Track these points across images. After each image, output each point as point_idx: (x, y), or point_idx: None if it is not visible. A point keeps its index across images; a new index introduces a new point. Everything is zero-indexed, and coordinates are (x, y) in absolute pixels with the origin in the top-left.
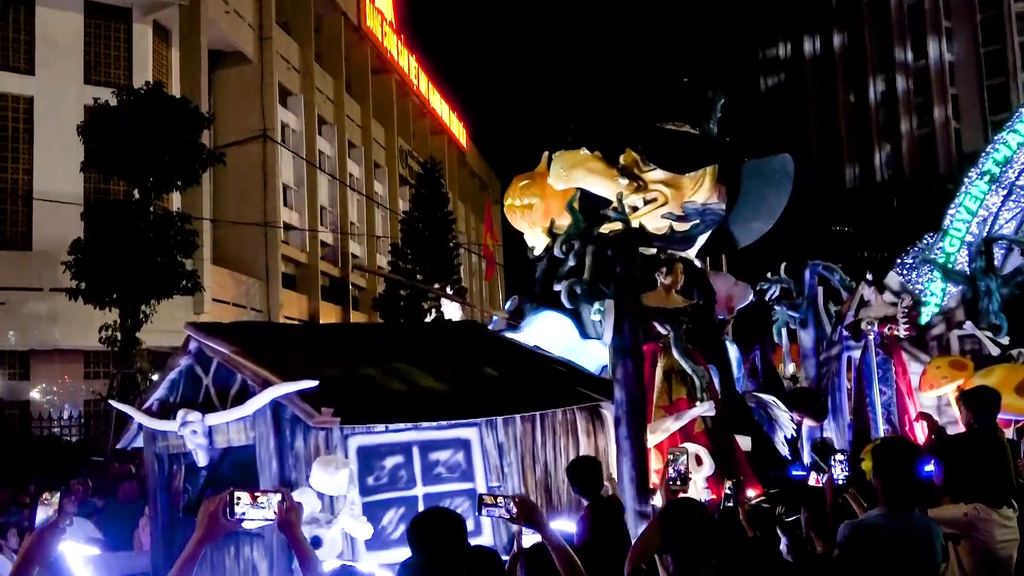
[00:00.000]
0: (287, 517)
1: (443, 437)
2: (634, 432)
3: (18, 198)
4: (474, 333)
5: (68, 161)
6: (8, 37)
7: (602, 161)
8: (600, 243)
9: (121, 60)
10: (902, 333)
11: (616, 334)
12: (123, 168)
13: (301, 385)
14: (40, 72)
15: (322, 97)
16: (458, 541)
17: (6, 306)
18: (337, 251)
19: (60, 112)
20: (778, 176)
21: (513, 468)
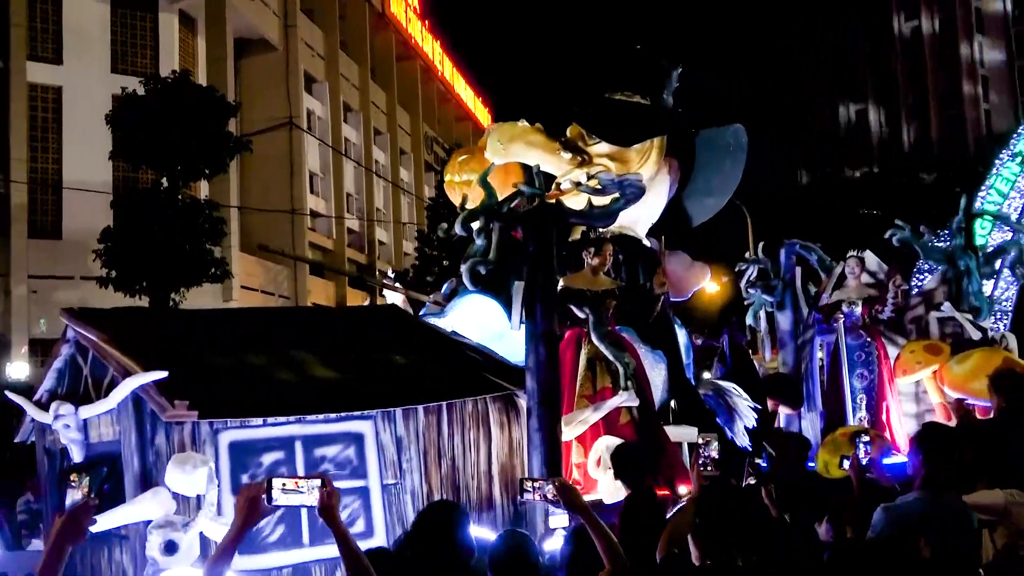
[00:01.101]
0: (327, 502)
1: (332, 431)
2: (546, 424)
3: (48, 187)
4: (392, 319)
5: (97, 150)
6: (36, 27)
7: (543, 133)
8: (509, 220)
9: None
10: (887, 315)
11: (528, 318)
12: (151, 156)
13: (152, 376)
14: (68, 62)
15: (347, 84)
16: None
17: (37, 294)
18: (363, 237)
19: (88, 101)
20: (732, 148)
21: (413, 464)
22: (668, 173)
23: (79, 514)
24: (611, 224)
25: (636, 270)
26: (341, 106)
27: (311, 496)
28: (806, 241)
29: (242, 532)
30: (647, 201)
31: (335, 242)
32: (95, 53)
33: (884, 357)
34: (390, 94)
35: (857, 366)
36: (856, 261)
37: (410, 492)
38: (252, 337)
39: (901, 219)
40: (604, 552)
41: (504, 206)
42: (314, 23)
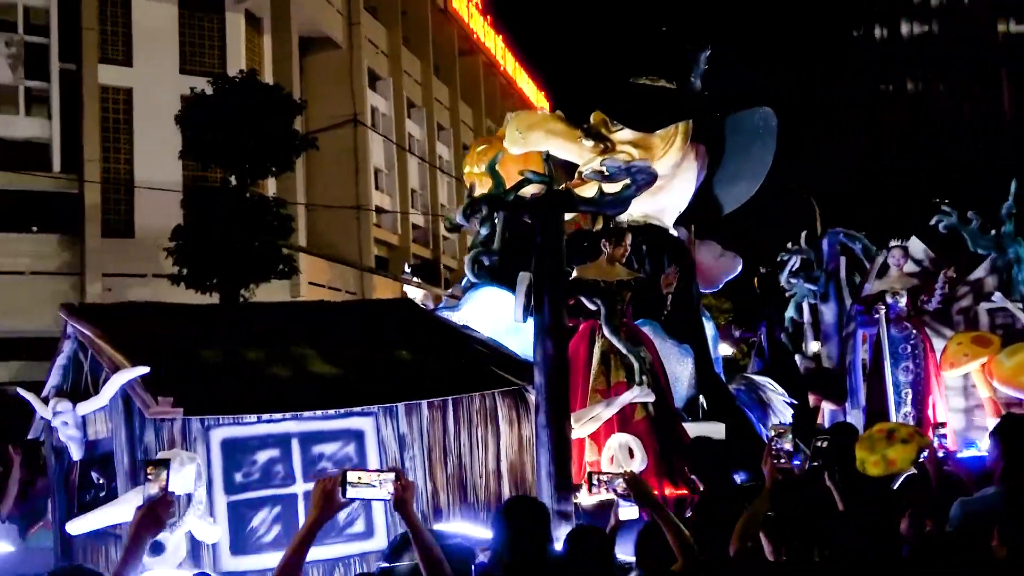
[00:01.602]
0: (402, 496)
1: (330, 428)
2: (554, 421)
3: (120, 187)
4: (404, 313)
5: (167, 150)
6: (107, 31)
7: (564, 121)
8: (514, 208)
9: (215, 49)
10: (934, 305)
11: (536, 311)
12: (219, 155)
13: (137, 371)
14: (138, 64)
15: (410, 80)
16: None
17: (112, 292)
18: (428, 233)
19: (158, 102)
20: (760, 131)
21: (417, 461)
22: (695, 159)
23: (157, 506)
24: (623, 212)
25: (661, 261)
26: (404, 102)
27: (385, 489)
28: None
29: (317, 525)
30: (673, 189)
31: (400, 237)
32: (164, 54)
33: (930, 350)
34: (453, 89)
35: (902, 359)
36: (900, 250)
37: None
38: (253, 332)
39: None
40: (676, 546)
41: (511, 194)
42: (377, 20)
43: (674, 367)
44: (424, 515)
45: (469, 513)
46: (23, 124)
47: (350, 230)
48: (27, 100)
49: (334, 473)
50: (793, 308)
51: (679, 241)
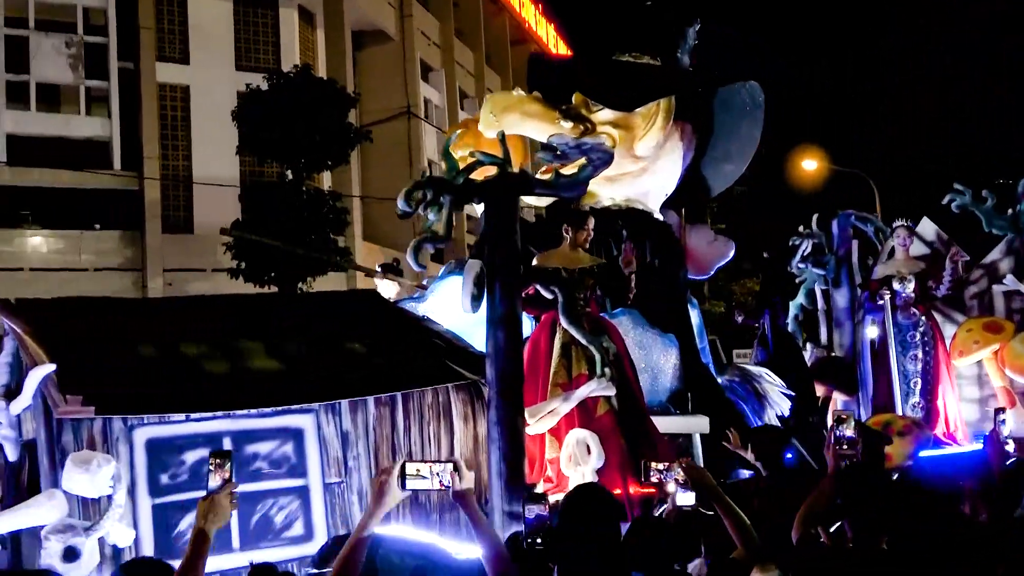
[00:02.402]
0: (460, 488)
1: (266, 426)
2: (506, 416)
3: (179, 183)
4: (364, 305)
5: (224, 145)
6: (164, 29)
7: (541, 102)
8: (462, 192)
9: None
10: (943, 290)
11: (489, 300)
12: (276, 150)
13: (45, 369)
14: (194, 61)
15: (463, 71)
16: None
17: (172, 287)
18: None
19: (214, 99)
20: (748, 108)
21: (362, 460)
22: (680, 139)
23: (220, 497)
24: (581, 194)
25: (644, 246)
26: (457, 93)
27: (444, 480)
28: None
29: (376, 516)
30: (657, 170)
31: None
32: (220, 51)
33: (940, 337)
34: (505, 79)
35: (910, 347)
36: (905, 230)
37: (357, 491)
38: (197, 326)
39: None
40: (736, 534)
41: (460, 177)
42: (429, 12)
43: (657, 358)
44: None
45: (420, 514)
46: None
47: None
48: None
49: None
50: (803, 295)
51: (664, 225)
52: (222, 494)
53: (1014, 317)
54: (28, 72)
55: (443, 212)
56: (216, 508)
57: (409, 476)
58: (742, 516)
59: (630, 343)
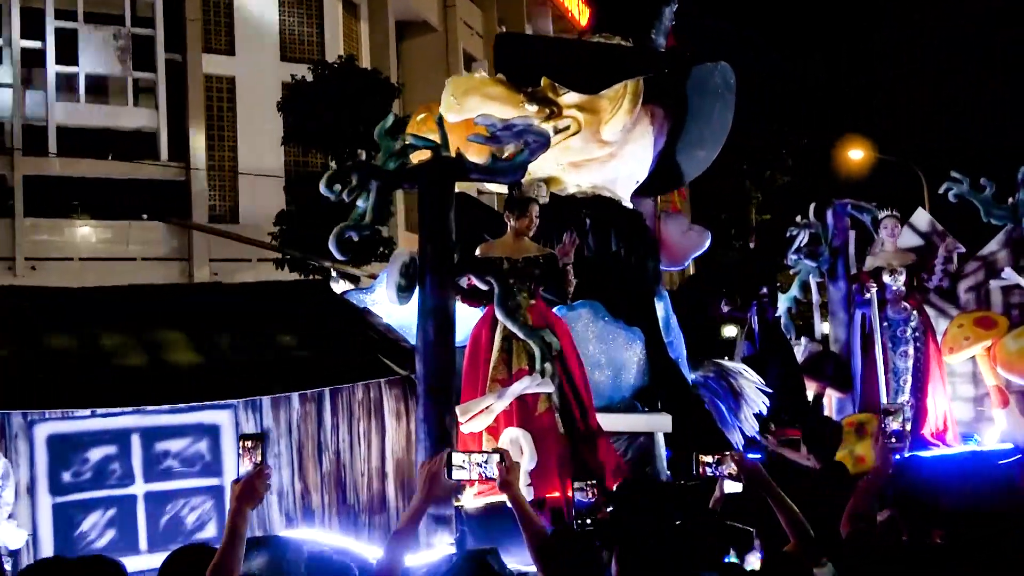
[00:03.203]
0: (506, 477)
1: (180, 422)
2: (433, 414)
3: (225, 174)
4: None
5: (269, 137)
6: (210, 21)
7: (504, 85)
8: (392, 178)
9: (314, 36)
10: (935, 283)
11: (420, 291)
12: (320, 141)
13: None
14: (240, 53)
15: None
16: None
17: (219, 276)
18: None
19: (260, 90)
20: (721, 91)
21: (283, 459)
22: (650, 124)
23: (255, 480)
24: (519, 179)
25: (608, 236)
26: None
27: (491, 470)
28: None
29: (423, 507)
30: (626, 156)
31: None
32: (265, 43)
33: (931, 333)
34: None
35: (900, 343)
36: (892, 219)
37: (277, 492)
38: (121, 316)
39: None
40: (789, 528)
41: (391, 161)
42: (472, 2)
43: (620, 353)
44: (291, 517)
45: (348, 516)
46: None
47: None
48: (135, 91)
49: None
50: (797, 287)
51: (633, 214)
52: (255, 476)
53: (1012, 312)
54: (77, 64)
55: (371, 198)
56: (250, 490)
57: (455, 466)
58: (795, 510)
59: (590, 336)
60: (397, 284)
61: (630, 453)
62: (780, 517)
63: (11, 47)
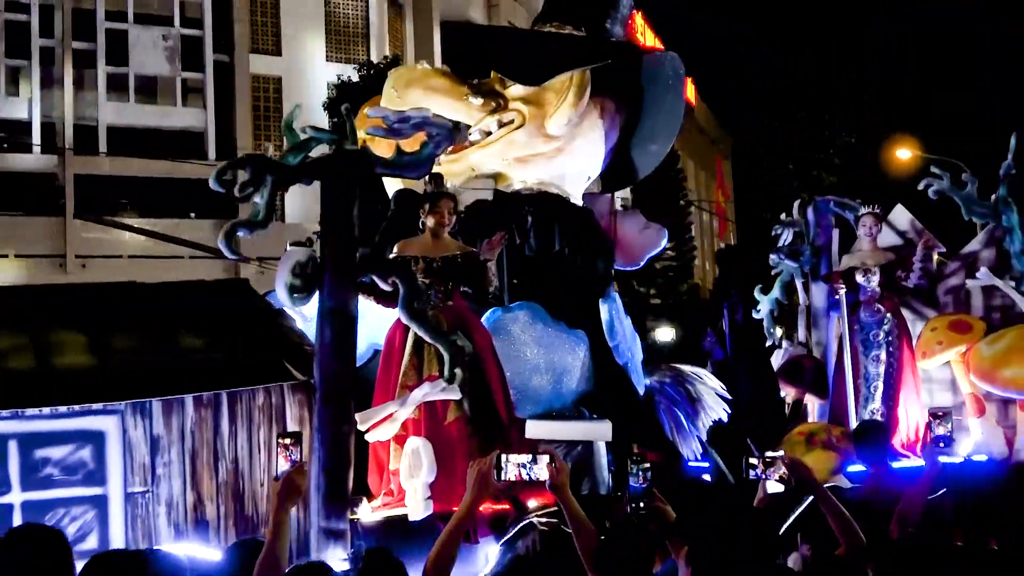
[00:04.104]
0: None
1: (61, 428)
2: (330, 423)
3: None
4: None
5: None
6: (257, 22)
7: (448, 77)
8: (289, 172)
9: (359, 36)
10: (912, 283)
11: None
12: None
13: None
14: (286, 53)
15: None
16: None
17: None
18: None
19: (306, 90)
20: (672, 82)
21: (173, 468)
22: (600, 117)
23: (294, 477)
24: (424, 174)
25: (551, 234)
26: None
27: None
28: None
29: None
30: (574, 151)
31: None
32: (311, 43)
33: (905, 337)
34: None
35: (872, 347)
36: (871, 217)
37: (165, 502)
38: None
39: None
40: (840, 532)
41: (291, 156)
42: (517, 2)
43: (561, 357)
44: (180, 530)
45: (246, 528)
46: (180, 114)
47: None
48: (183, 91)
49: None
50: (779, 288)
51: (582, 211)
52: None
53: (993, 315)
54: (127, 65)
55: (265, 195)
56: (290, 487)
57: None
58: (846, 514)
59: (527, 340)
60: (289, 284)
61: (568, 463)
62: (830, 520)
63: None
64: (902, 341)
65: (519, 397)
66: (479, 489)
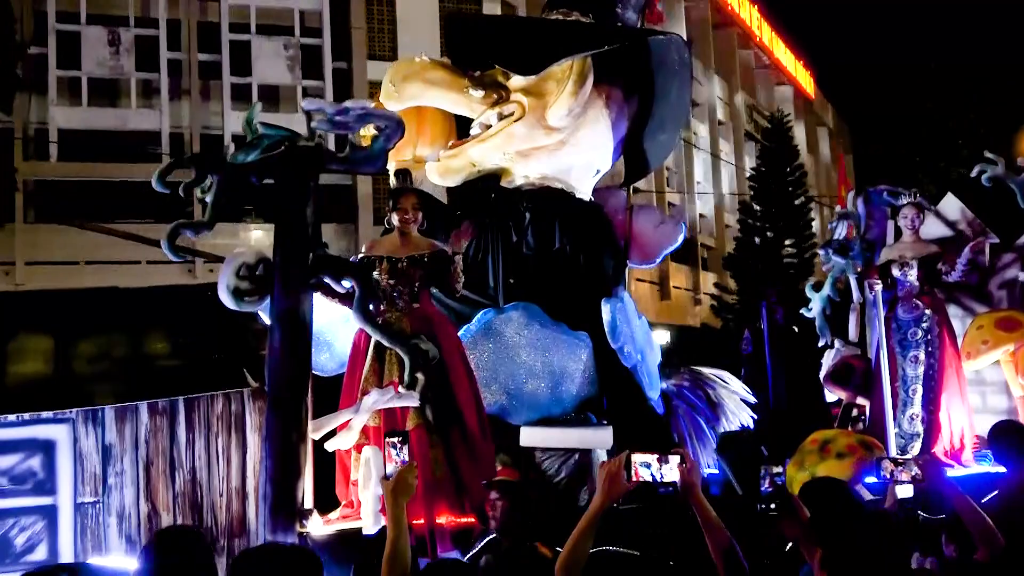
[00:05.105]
0: (688, 480)
1: (10, 437)
2: (278, 431)
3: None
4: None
5: None
6: (374, 28)
7: (447, 69)
8: (237, 171)
9: None
10: (955, 277)
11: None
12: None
13: None
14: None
15: None
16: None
17: None
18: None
19: None
20: (677, 68)
21: (126, 478)
22: (605, 107)
23: (405, 474)
24: (378, 170)
25: (551, 231)
26: None
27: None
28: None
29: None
30: (580, 143)
31: None
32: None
33: (948, 335)
34: (706, 64)
35: (910, 347)
36: (913, 208)
37: (117, 513)
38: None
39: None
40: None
41: (242, 154)
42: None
43: (560, 360)
44: (133, 541)
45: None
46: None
47: None
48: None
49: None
50: (830, 286)
51: (589, 207)
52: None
53: None
54: (251, 75)
55: (211, 194)
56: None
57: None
58: (985, 518)
59: (522, 342)
60: (232, 287)
61: (563, 472)
62: (968, 525)
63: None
64: (943, 340)
65: (514, 403)
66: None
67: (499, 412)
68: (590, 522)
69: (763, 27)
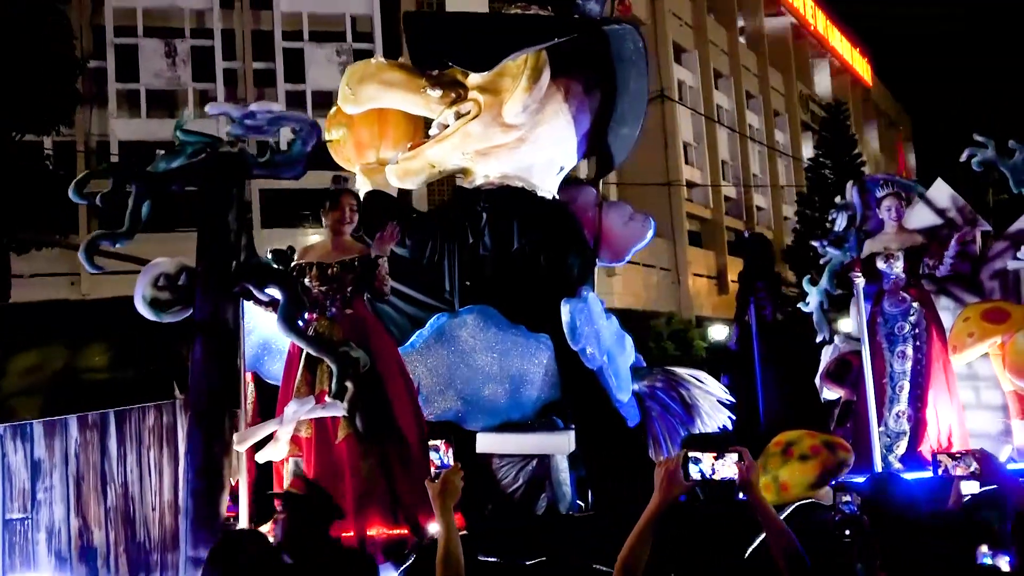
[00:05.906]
0: (747, 477)
1: None
2: (200, 444)
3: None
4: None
5: None
6: None
7: (403, 70)
8: (157, 180)
9: None
10: (943, 271)
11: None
12: None
13: None
14: None
15: (716, 50)
16: None
17: None
18: (741, 205)
19: None
20: (634, 58)
21: (56, 493)
22: (564, 101)
23: (451, 476)
24: (299, 173)
25: (509, 231)
26: (711, 73)
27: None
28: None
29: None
30: (539, 140)
31: (712, 211)
32: None
33: (936, 329)
34: (760, 55)
35: (897, 342)
36: (893, 198)
37: (47, 529)
38: None
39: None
40: None
41: (163, 162)
42: None
43: (519, 363)
44: (63, 558)
45: (138, 555)
46: None
47: (662, 206)
48: None
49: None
50: (827, 279)
51: (552, 205)
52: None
53: None
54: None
55: (130, 204)
56: (448, 487)
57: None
58: None
59: (477, 346)
60: (149, 298)
61: (520, 479)
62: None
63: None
64: (931, 334)
65: (470, 409)
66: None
67: (455, 418)
68: (648, 522)
69: (817, 15)
